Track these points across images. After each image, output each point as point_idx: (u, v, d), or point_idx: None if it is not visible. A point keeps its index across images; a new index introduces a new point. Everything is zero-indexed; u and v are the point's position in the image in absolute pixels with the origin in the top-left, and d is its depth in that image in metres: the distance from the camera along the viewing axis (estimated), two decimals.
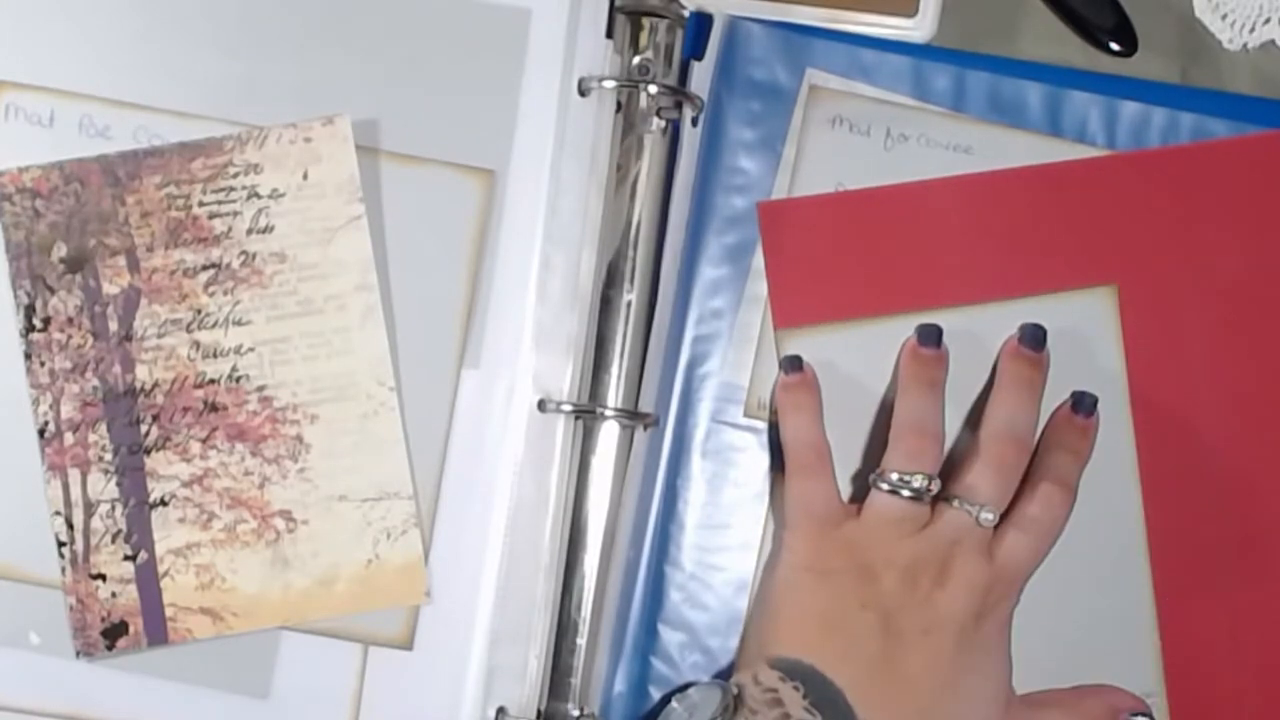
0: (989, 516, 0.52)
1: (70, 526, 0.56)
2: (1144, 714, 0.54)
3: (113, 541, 0.56)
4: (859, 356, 0.56)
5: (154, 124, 0.57)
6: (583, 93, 0.58)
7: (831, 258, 0.57)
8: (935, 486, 0.52)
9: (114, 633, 0.56)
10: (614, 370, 0.58)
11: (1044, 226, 0.57)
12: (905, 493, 0.52)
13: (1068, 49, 0.60)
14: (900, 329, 0.56)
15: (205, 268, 0.56)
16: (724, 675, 0.56)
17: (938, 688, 0.51)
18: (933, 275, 0.57)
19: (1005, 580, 0.52)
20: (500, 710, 0.56)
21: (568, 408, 0.57)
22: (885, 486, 0.52)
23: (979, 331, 0.56)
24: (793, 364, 0.56)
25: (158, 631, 0.56)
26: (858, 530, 0.53)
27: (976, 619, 0.51)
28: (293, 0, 0.58)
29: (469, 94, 0.58)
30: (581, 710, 0.56)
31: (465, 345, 0.58)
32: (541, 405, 0.57)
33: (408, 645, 0.57)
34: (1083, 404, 0.55)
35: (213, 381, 0.56)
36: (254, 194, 0.56)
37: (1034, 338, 0.55)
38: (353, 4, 0.58)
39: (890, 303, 0.56)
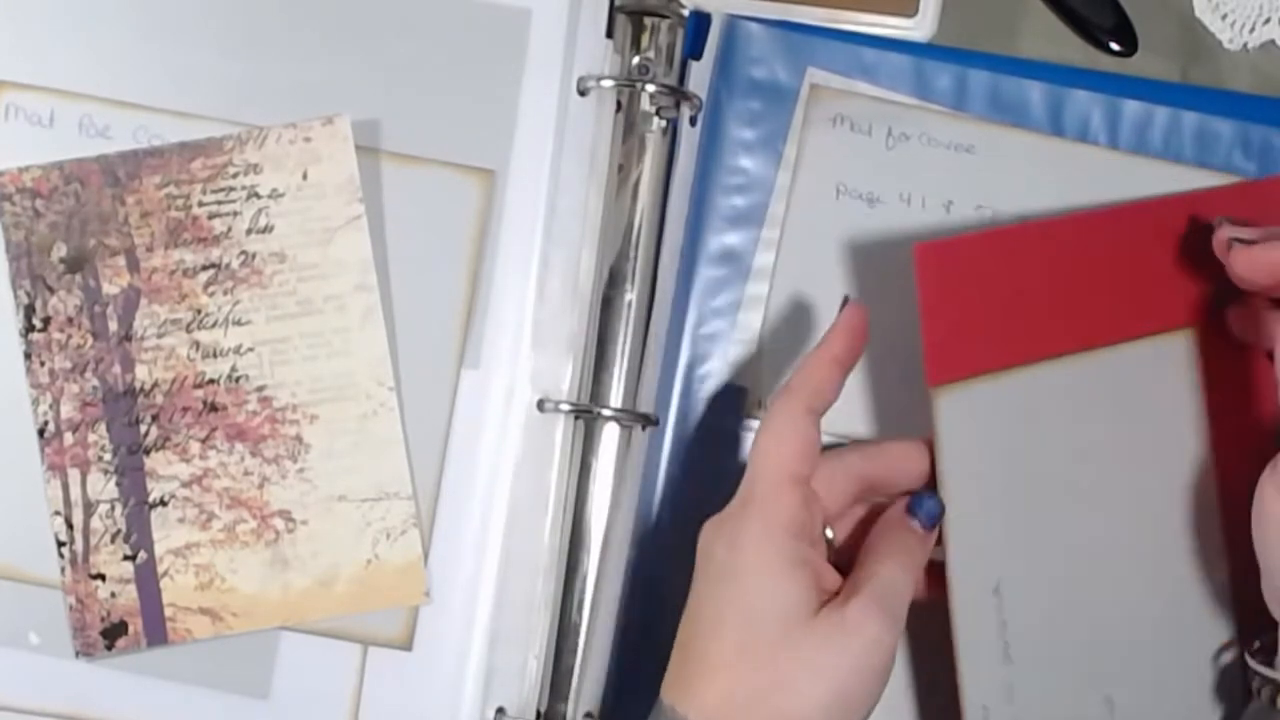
0: None
1: (70, 526, 0.55)
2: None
3: (112, 541, 0.55)
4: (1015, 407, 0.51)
5: (154, 124, 0.57)
6: (582, 92, 0.58)
7: (986, 301, 0.51)
8: None
9: (113, 633, 0.56)
10: (614, 370, 0.58)
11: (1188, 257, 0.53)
12: None
13: (1068, 49, 0.60)
14: (1049, 375, 0.51)
15: (205, 268, 0.56)
16: None
17: None
18: (1080, 313, 0.52)
19: None
20: (499, 710, 0.56)
21: (567, 408, 0.57)
22: None
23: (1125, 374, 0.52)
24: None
25: (157, 631, 0.55)
26: None
27: None
28: (294, 1, 0.58)
29: (469, 94, 0.58)
30: (582, 710, 0.56)
31: (465, 345, 0.58)
32: (541, 405, 0.57)
33: (407, 646, 0.57)
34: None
35: (212, 381, 0.56)
36: (253, 194, 0.56)
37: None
38: (353, 4, 0.58)
39: (1038, 348, 0.51)
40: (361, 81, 0.58)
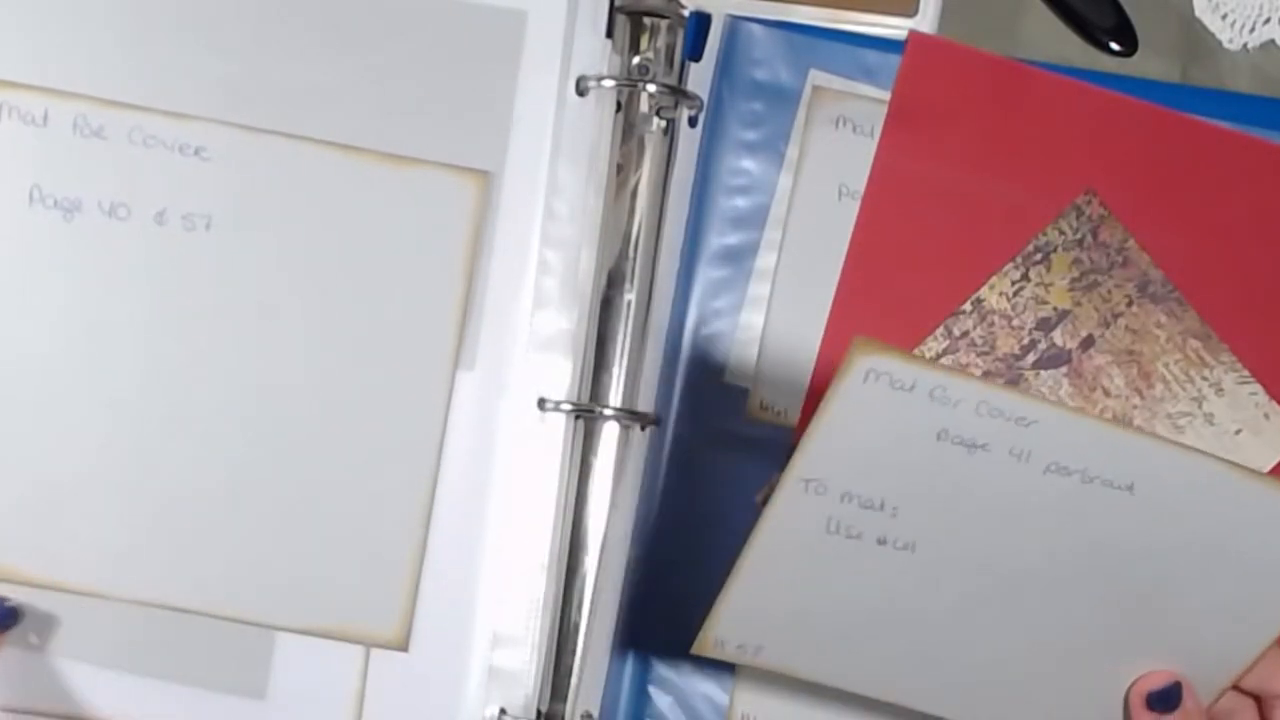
0: None
1: None
2: None
3: None
4: None
5: (148, 124, 0.57)
6: (580, 92, 0.58)
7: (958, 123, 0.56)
8: None
9: None
10: (614, 370, 0.57)
11: None
12: None
13: (1068, 49, 0.60)
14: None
15: None
16: (725, 676, 0.56)
17: None
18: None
19: None
20: (501, 711, 0.56)
21: (568, 407, 0.57)
22: None
23: None
24: (1166, 700, 0.48)
25: None
26: None
27: None
28: (288, 1, 0.58)
29: (464, 95, 0.58)
30: (581, 710, 0.57)
31: (460, 346, 0.57)
32: (541, 404, 0.57)
33: (403, 646, 0.57)
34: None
35: None
36: None
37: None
38: (347, 5, 0.58)
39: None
40: (356, 82, 0.57)
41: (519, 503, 0.57)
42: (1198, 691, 0.47)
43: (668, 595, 0.57)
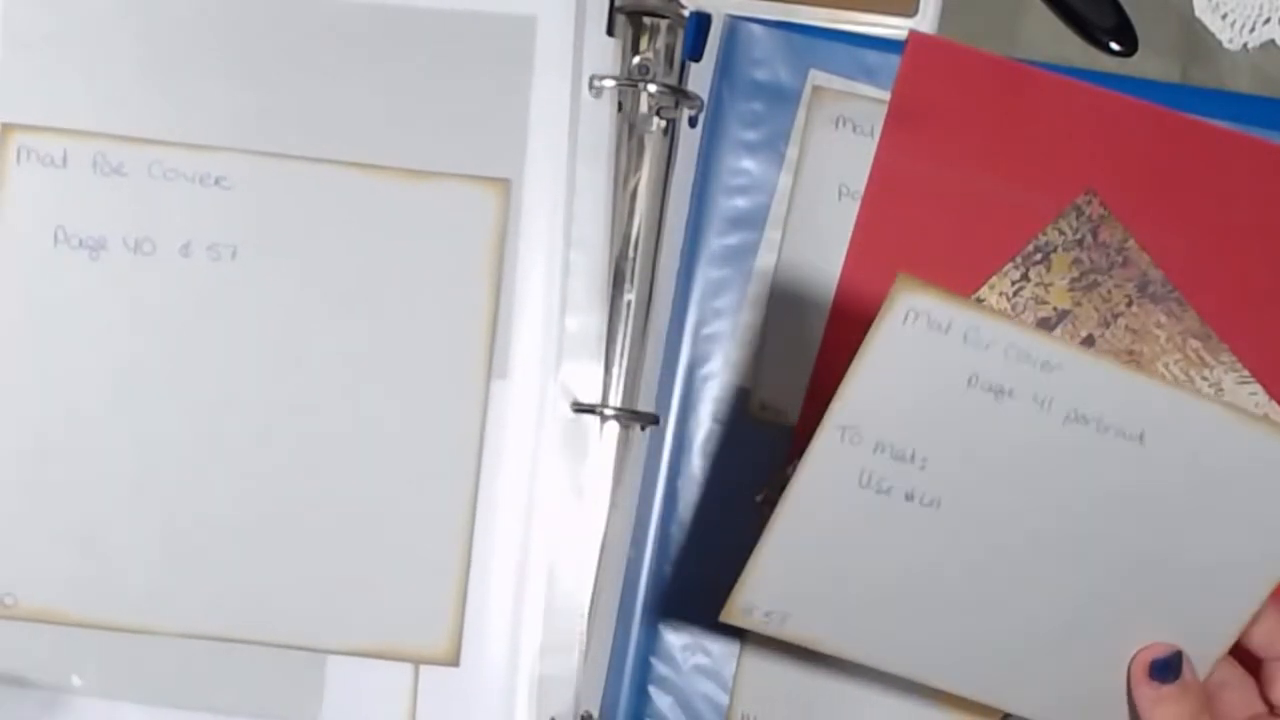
0: None
1: None
2: None
3: None
4: None
5: (168, 158, 0.57)
6: (594, 92, 0.58)
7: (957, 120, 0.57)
8: None
9: None
10: (614, 370, 0.58)
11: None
12: None
13: (1068, 49, 0.60)
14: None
15: None
16: (725, 676, 0.56)
17: None
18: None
19: None
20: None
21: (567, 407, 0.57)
22: None
23: None
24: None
25: None
26: None
27: None
28: (299, 24, 0.58)
29: (479, 105, 0.58)
30: (581, 710, 0.57)
31: (492, 355, 0.57)
32: (572, 407, 0.57)
33: (454, 662, 0.56)
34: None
35: None
36: None
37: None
38: (357, 24, 0.58)
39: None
40: (371, 101, 0.58)
41: (559, 507, 0.57)
42: (1195, 664, 0.48)
43: (669, 595, 0.57)
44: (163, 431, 0.56)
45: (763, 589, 0.47)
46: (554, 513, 0.57)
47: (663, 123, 0.58)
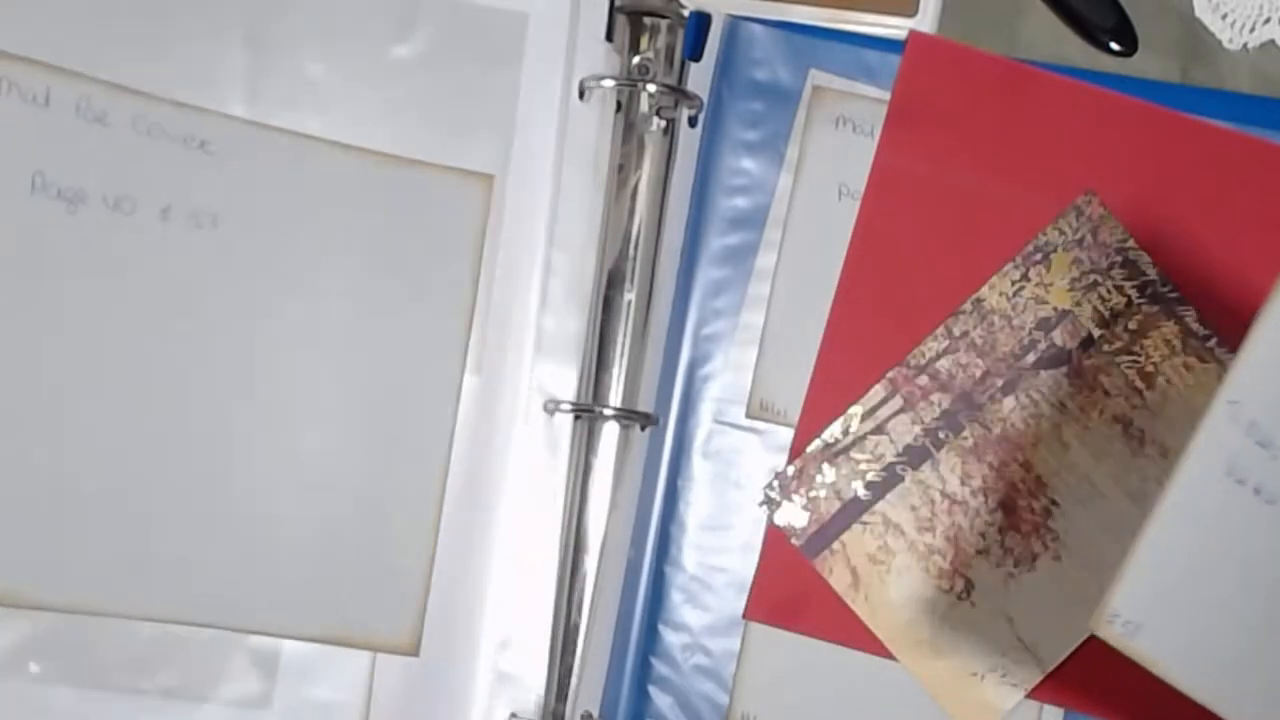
0: None
1: None
2: None
3: None
4: None
5: (152, 113, 0.55)
6: (582, 96, 0.58)
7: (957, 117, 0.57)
8: None
9: None
10: (614, 370, 0.57)
11: None
12: None
13: (1068, 49, 0.60)
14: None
15: None
16: (725, 676, 0.56)
17: None
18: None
19: None
20: (512, 715, 0.56)
21: (567, 408, 0.57)
22: None
23: None
24: None
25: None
26: None
27: None
28: (293, 1, 0.58)
29: (467, 98, 0.58)
30: (581, 710, 0.56)
31: (467, 350, 0.57)
32: (544, 406, 0.57)
33: (414, 652, 0.56)
34: None
35: None
36: None
37: None
38: (352, 7, 0.58)
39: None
40: (360, 84, 0.57)
41: (528, 506, 0.57)
42: None
43: (669, 595, 0.57)
44: (128, 401, 0.54)
45: (1133, 591, 0.43)
46: (522, 510, 0.57)
47: (663, 123, 0.58)
